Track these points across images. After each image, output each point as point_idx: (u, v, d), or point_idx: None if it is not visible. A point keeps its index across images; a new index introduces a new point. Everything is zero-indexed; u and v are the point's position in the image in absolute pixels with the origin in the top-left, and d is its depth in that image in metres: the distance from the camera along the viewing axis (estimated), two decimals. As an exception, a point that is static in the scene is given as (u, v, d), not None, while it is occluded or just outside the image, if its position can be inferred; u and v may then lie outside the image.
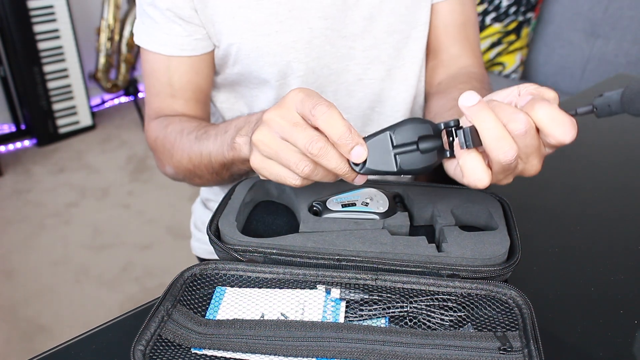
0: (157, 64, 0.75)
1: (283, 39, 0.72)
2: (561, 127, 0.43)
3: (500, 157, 0.44)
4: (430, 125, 0.49)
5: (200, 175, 0.72)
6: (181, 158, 0.72)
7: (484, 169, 0.46)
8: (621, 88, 0.47)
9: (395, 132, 0.49)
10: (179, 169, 0.74)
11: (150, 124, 0.78)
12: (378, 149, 0.49)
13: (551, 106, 0.44)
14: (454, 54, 0.82)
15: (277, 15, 0.70)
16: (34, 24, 2.45)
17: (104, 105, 3.03)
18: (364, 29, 0.75)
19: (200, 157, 0.69)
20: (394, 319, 0.48)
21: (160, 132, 0.75)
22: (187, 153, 0.71)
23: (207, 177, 0.71)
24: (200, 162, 0.69)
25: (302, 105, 0.48)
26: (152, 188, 2.39)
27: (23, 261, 1.99)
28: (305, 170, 0.49)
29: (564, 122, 0.43)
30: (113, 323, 0.54)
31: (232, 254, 0.53)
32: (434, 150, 0.49)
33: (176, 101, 0.76)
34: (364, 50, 0.76)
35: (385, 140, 0.49)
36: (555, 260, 0.61)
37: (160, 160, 0.78)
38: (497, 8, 2.13)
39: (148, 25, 0.73)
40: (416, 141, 0.49)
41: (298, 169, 0.49)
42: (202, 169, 0.70)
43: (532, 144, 0.45)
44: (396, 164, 0.49)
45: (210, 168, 0.69)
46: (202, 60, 0.75)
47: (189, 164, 0.71)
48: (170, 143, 0.73)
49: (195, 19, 0.71)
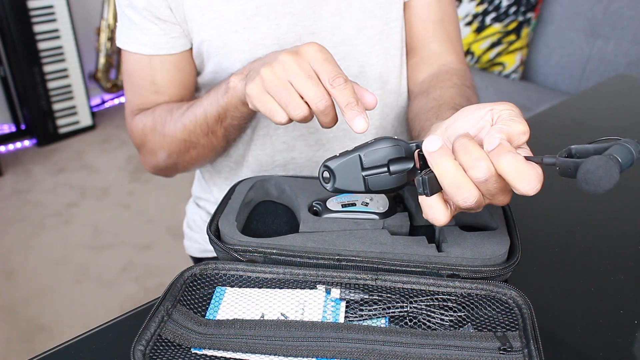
0: (139, 63, 0.76)
1: (251, 35, 0.73)
2: (526, 181, 0.42)
3: (460, 203, 0.45)
4: (403, 145, 0.50)
5: (195, 142, 0.73)
6: (175, 131, 0.73)
7: (442, 211, 0.47)
8: (584, 157, 0.41)
9: (366, 155, 0.50)
10: (172, 147, 0.75)
11: (134, 119, 0.79)
12: (348, 170, 0.51)
13: (516, 158, 0.42)
14: (434, 51, 0.82)
15: (244, 12, 0.72)
16: (34, 24, 2.45)
17: (104, 105, 3.03)
18: (333, 25, 0.75)
19: (195, 119, 0.70)
20: (394, 319, 0.48)
21: (147, 118, 0.76)
22: (181, 122, 0.72)
23: (202, 141, 0.72)
24: (195, 125, 0.71)
25: (321, 66, 0.54)
26: (152, 188, 2.39)
27: (23, 261, 1.99)
28: (300, 114, 0.54)
29: (529, 176, 0.42)
30: (113, 323, 0.54)
31: (232, 254, 0.53)
32: (404, 172, 0.50)
33: (160, 97, 0.77)
34: (334, 47, 0.76)
35: (355, 162, 0.51)
36: (555, 260, 0.61)
37: (151, 150, 0.78)
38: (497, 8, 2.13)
39: (127, 27, 0.74)
40: (386, 164, 0.50)
41: (294, 112, 0.55)
42: (197, 133, 0.71)
43: (495, 187, 0.44)
44: (365, 185, 0.51)
45: (206, 127, 0.70)
46: (183, 58, 0.76)
47: (183, 132, 0.72)
48: (161, 123, 0.74)
49: (171, 17, 0.73)
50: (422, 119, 0.70)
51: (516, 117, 0.46)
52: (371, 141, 0.51)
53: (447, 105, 0.69)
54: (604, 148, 0.41)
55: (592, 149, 0.42)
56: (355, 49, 0.77)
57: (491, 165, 0.43)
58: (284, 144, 0.80)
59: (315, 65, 0.54)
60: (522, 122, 0.46)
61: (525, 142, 0.46)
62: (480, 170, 0.43)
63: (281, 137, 0.79)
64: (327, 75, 0.54)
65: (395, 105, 0.84)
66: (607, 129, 0.94)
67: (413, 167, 0.51)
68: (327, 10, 0.74)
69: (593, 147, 0.42)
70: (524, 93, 2.08)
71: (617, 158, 0.38)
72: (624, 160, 0.39)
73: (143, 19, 0.72)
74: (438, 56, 0.82)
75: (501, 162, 0.42)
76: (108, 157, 2.63)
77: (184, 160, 0.77)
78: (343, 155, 0.51)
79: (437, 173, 0.45)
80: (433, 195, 0.46)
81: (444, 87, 0.74)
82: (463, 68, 0.81)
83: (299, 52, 0.55)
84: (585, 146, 0.42)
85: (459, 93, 0.73)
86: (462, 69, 0.81)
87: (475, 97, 0.77)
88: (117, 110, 3.02)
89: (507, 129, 0.45)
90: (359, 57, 0.78)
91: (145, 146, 0.78)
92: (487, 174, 0.43)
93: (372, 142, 0.51)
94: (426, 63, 0.82)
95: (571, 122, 0.97)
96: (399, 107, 0.85)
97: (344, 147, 0.83)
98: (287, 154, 0.81)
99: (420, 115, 0.71)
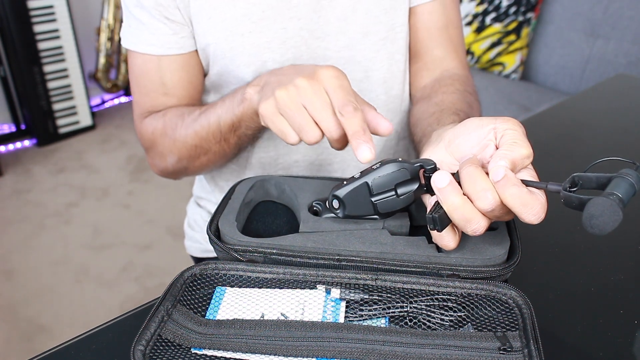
0: (148, 64, 0.75)
1: (257, 39, 0.72)
2: (531, 212, 0.44)
3: (469, 232, 0.47)
4: (408, 168, 0.52)
5: (207, 148, 0.72)
6: (186, 136, 0.72)
7: (451, 238, 0.49)
8: (587, 186, 0.44)
9: (373, 181, 0.52)
10: (182, 152, 0.74)
11: (144, 122, 0.79)
12: (357, 197, 0.53)
13: (521, 191, 0.44)
14: (437, 56, 0.82)
15: (250, 15, 0.72)
16: (34, 24, 2.45)
17: (104, 105, 3.03)
18: (338, 30, 0.75)
19: (208, 126, 0.70)
20: (394, 319, 0.48)
21: (158, 122, 0.76)
22: (193, 128, 0.72)
23: (215, 148, 0.72)
24: (208, 132, 0.71)
25: (334, 93, 0.54)
26: (152, 188, 2.39)
27: (23, 261, 1.99)
28: (313, 138, 0.55)
29: (534, 207, 0.44)
30: (113, 323, 0.54)
31: (232, 254, 0.53)
32: (411, 192, 0.52)
33: (169, 99, 0.77)
34: (339, 51, 0.76)
35: (363, 189, 0.53)
36: (555, 260, 0.61)
37: (160, 153, 0.77)
38: (497, 8, 2.13)
39: (135, 27, 0.74)
40: (394, 188, 0.52)
41: (307, 137, 0.55)
42: (209, 140, 0.71)
43: (500, 213, 0.46)
44: (375, 209, 0.53)
45: (219, 134, 0.70)
46: (192, 58, 0.76)
47: (195, 138, 0.72)
48: (172, 128, 0.74)
49: (180, 18, 0.72)
50: (423, 125, 0.70)
51: (519, 140, 0.47)
52: (376, 166, 0.53)
53: (448, 110, 0.69)
54: (606, 179, 0.43)
55: (595, 179, 0.44)
56: (360, 53, 0.77)
57: (497, 196, 0.45)
58: (287, 147, 0.80)
59: (329, 91, 0.55)
60: (525, 145, 0.47)
61: (529, 164, 0.48)
62: (486, 201, 0.45)
63: None
64: (337, 103, 0.54)
65: (399, 111, 0.84)
66: (607, 129, 0.94)
67: (419, 186, 0.52)
68: (332, 15, 0.74)
69: (596, 177, 0.44)
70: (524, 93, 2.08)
71: (620, 197, 0.40)
72: (626, 197, 0.41)
73: (152, 19, 0.72)
74: (441, 62, 0.82)
75: (507, 195, 0.44)
76: (108, 157, 2.63)
77: (193, 166, 0.77)
78: (350, 182, 0.53)
79: (447, 208, 0.46)
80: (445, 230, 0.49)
81: (446, 93, 0.74)
82: (466, 74, 0.81)
83: (316, 76, 0.55)
84: (589, 175, 0.44)
85: (460, 99, 0.73)
86: (465, 75, 0.81)
87: (477, 103, 0.77)
88: (117, 110, 3.02)
89: (511, 154, 0.46)
90: (363, 62, 0.78)
91: (155, 149, 0.78)
92: (494, 205, 0.45)
93: (378, 167, 0.53)
94: (429, 69, 0.82)
95: (571, 122, 0.97)
96: (402, 112, 0.85)
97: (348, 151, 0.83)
98: (290, 156, 0.81)
99: (422, 120, 0.72)
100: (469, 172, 0.46)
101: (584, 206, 0.40)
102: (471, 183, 0.45)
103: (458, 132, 0.52)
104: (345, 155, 0.82)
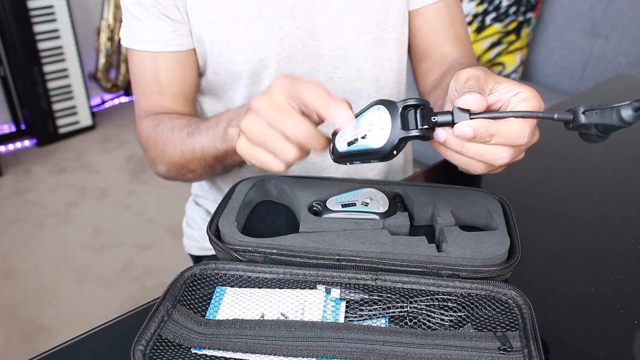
0: (144, 62, 0.76)
1: (254, 37, 0.73)
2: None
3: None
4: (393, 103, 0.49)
5: (193, 169, 0.72)
6: (173, 154, 0.73)
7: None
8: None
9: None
10: (171, 166, 0.75)
11: (141, 124, 0.79)
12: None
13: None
14: (446, 53, 0.83)
15: (247, 14, 0.72)
16: (34, 24, 2.45)
17: (104, 105, 3.03)
18: (332, 29, 0.76)
19: (193, 152, 0.70)
20: (394, 319, 0.48)
21: (151, 131, 0.76)
22: (180, 149, 0.71)
23: (200, 170, 0.72)
24: (193, 157, 0.70)
25: (289, 89, 0.49)
26: (152, 188, 2.39)
27: (23, 261, 1.99)
28: (290, 157, 0.50)
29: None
30: (113, 323, 0.54)
31: (232, 254, 0.53)
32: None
33: (164, 98, 0.77)
34: (332, 50, 0.77)
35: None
36: (555, 260, 0.61)
37: (152, 159, 0.78)
38: (497, 8, 2.13)
39: (133, 26, 0.75)
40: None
41: (283, 155, 0.50)
42: (195, 163, 0.71)
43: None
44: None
45: (204, 162, 0.70)
46: (188, 56, 0.77)
47: (182, 159, 0.72)
48: (162, 141, 0.74)
49: (177, 16, 0.73)
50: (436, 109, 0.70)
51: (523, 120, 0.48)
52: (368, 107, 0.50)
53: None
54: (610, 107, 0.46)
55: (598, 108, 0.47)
56: (352, 53, 0.78)
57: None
58: None
59: (285, 92, 0.50)
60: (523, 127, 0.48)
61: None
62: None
63: None
64: (295, 92, 0.49)
65: None
66: (607, 129, 0.94)
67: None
68: (326, 14, 0.75)
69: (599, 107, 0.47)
70: (524, 93, 2.08)
71: None
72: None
73: (151, 16, 0.73)
74: (450, 57, 0.83)
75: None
76: (108, 157, 2.63)
77: (182, 178, 0.77)
78: None
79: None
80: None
81: (455, 69, 0.74)
82: (474, 62, 0.82)
83: (269, 90, 0.51)
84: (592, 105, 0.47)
85: (470, 64, 0.74)
86: (473, 63, 0.81)
87: None
88: (117, 110, 3.02)
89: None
90: (355, 61, 0.79)
91: (148, 154, 0.79)
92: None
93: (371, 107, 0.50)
94: (439, 65, 0.83)
95: (571, 122, 0.96)
96: None
97: None
98: None
99: (436, 107, 0.72)
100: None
101: (619, 111, 0.45)
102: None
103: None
104: None
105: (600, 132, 0.47)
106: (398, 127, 0.48)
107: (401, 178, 0.91)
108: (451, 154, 0.50)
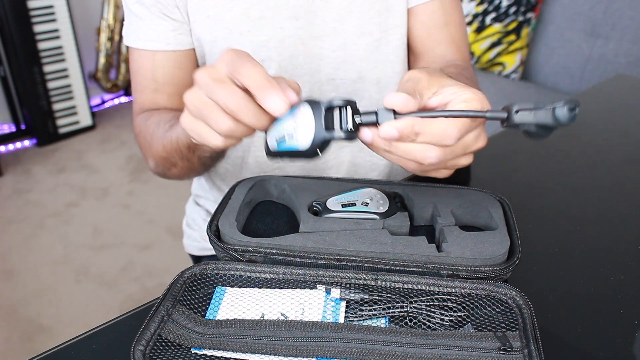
0: (143, 60, 0.76)
1: (255, 37, 0.73)
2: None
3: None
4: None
5: (175, 163, 0.71)
6: (157, 147, 0.72)
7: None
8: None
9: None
10: (157, 160, 0.74)
11: (135, 120, 0.80)
12: None
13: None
14: (438, 54, 0.82)
15: (248, 14, 0.72)
16: (34, 24, 2.45)
17: (104, 105, 3.03)
18: (333, 30, 0.76)
19: (171, 144, 0.69)
20: (394, 319, 0.48)
21: (142, 126, 0.76)
22: (162, 142, 0.71)
23: (180, 164, 0.71)
24: (171, 149, 0.69)
25: (231, 64, 0.47)
26: (152, 188, 2.39)
27: (23, 261, 1.99)
28: (223, 127, 0.48)
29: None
30: (113, 323, 0.54)
31: (232, 254, 0.53)
32: None
33: (159, 95, 0.77)
34: (334, 51, 0.77)
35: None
36: (555, 260, 0.61)
37: (144, 154, 0.79)
38: (497, 8, 2.13)
39: (135, 24, 0.75)
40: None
41: (217, 125, 0.48)
42: (174, 156, 0.70)
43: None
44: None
45: (180, 152, 0.68)
46: (186, 56, 0.77)
47: (163, 151, 0.71)
48: (150, 135, 0.74)
49: (178, 15, 0.73)
50: None
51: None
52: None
53: None
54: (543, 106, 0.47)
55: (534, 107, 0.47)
56: (354, 54, 0.78)
57: None
58: None
59: (227, 66, 0.48)
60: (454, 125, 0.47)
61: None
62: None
63: None
64: (234, 69, 0.47)
65: None
66: (607, 129, 0.94)
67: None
68: (328, 15, 0.75)
69: (534, 105, 0.47)
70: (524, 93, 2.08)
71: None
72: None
73: (152, 15, 0.73)
74: (442, 59, 0.82)
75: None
76: (108, 157, 2.63)
77: (169, 174, 0.76)
78: None
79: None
80: None
81: (443, 71, 0.74)
82: (466, 67, 0.81)
83: (214, 64, 0.49)
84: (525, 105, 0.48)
85: (455, 73, 0.72)
86: (466, 67, 0.80)
87: (472, 83, 0.76)
88: (117, 110, 3.02)
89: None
90: (357, 62, 0.79)
91: (141, 151, 0.79)
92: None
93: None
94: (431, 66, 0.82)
95: (571, 122, 0.96)
96: None
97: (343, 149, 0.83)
98: None
99: None
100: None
101: (554, 111, 0.45)
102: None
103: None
104: (339, 153, 0.83)
105: (538, 131, 0.47)
106: (321, 128, 0.48)
107: (402, 178, 0.91)
108: (382, 152, 0.49)
